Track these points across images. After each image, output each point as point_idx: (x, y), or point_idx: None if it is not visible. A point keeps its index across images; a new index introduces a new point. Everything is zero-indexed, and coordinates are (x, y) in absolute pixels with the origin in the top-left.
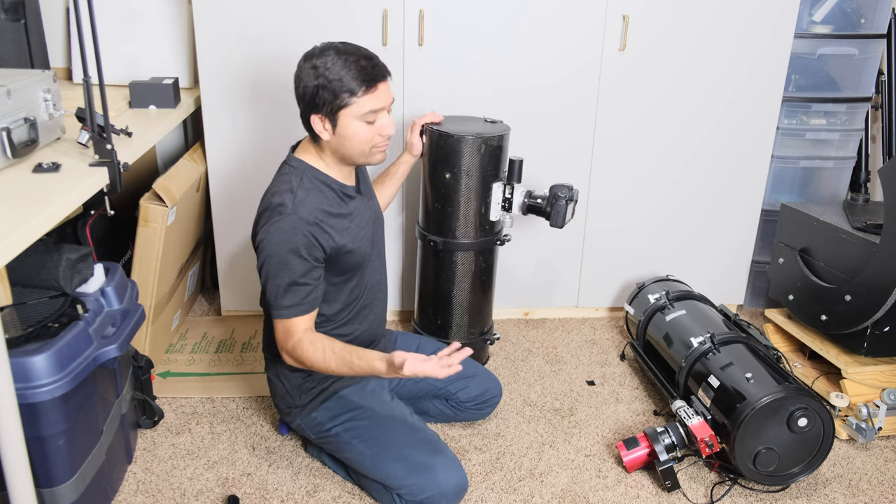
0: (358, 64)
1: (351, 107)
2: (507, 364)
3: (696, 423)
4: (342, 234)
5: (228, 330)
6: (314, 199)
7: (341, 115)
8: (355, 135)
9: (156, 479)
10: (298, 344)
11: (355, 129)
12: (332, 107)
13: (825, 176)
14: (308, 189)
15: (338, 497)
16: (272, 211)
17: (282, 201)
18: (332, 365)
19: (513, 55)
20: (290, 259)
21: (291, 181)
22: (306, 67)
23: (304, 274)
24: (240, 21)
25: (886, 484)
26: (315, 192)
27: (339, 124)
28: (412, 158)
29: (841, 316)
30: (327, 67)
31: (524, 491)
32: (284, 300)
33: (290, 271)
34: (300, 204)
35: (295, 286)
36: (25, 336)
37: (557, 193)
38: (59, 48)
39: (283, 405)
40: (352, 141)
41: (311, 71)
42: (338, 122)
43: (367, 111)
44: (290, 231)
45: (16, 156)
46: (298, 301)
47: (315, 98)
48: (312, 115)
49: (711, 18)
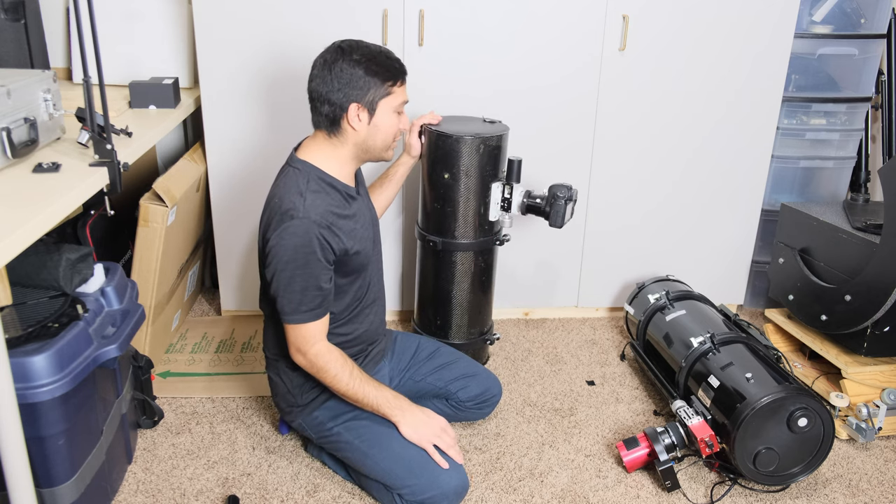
0: (391, 58)
1: (391, 97)
2: (507, 364)
3: (696, 423)
4: (349, 235)
5: (228, 330)
6: (322, 201)
7: (381, 105)
8: (389, 126)
9: (156, 479)
10: (323, 353)
11: (390, 121)
12: (377, 94)
13: (825, 176)
14: (315, 191)
15: (338, 497)
16: (283, 216)
17: (292, 205)
18: (351, 387)
19: (513, 55)
20: (306, 263)
21: (299, 184)
22: (343, 59)
23: (320, 276)
24: (240, 21)
25: (886, 484)
26: (322, 194)
27: (377, 113)
28: (411, 160)
29: (841, 316)
30: (371, 59)
31: (524, 491)
32: (302, 305)
33: (307, 276)
34: (311, 207)
35: (312, 289)
36: (25, 336)
37: (556, 193)
38: (59, 48)
39: (285, 404)
40: (384, 132)
41: (351, 61)
42: (376, 111)
43: (401, 102)
44: (304, 235)
45: (16, 156)
46: (316, 305)
47: (359, 87)
48: (352, 104)
49: (711, 18)
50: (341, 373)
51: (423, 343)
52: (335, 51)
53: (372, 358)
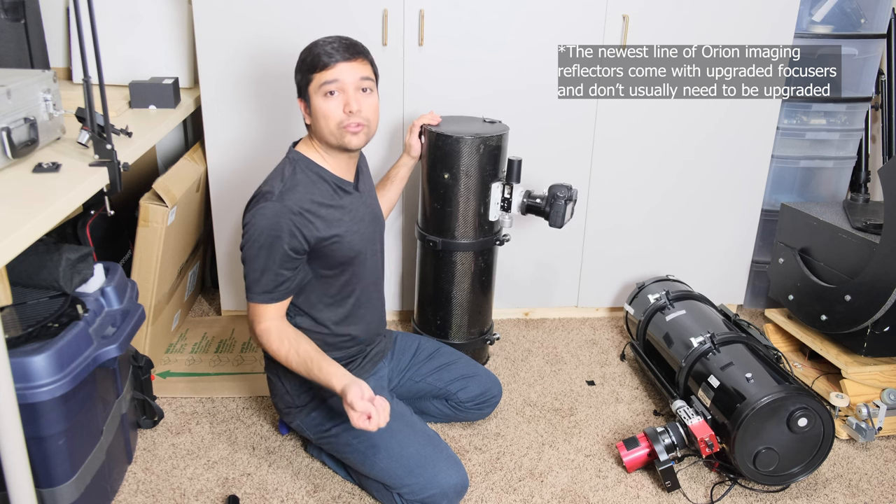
0: (325, 45)
1: (313, 82)
2: (507, 364)
3: (696, 423)
4: (332, 224)
5: (228, 330)
6: (304, 189)
7: (310, 92)
8: (323, 110)
9: (156, 479)
10: (266, 332)
11: (323, 105)
12: (304, 84)
13: (825, 176)
14: (299, 179)
15: (338, 497)
16: (260, 197)
17: (270, 189)
18: (293, 364)
19: (513, 55)
20: (270, 245)
21: (284, 171)
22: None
23: (281, 263)
24: (240, 21)
25: (886, 484)
26: (307, 183)
27: (311, 102)
28: (411, 160)
29: (841, 316)
30: (306, 53)
31: (524, 491)
32: (258, 285)
33: (268, 258)
34: (287, 192)
35: (270, 273)
36: (25, 336)
37: (556, 193)
38: (59, 48)
39: (283, 405)
40: (322, 118)
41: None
42: (310, 100)
43: (322, 83)
44: (274, 218)
45: (16, 156)
46: (271, 289)
47: (297, 82)
48: (299, 99)
49: (711, 18)
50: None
51: (423, 343)
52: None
53: (371, 359)
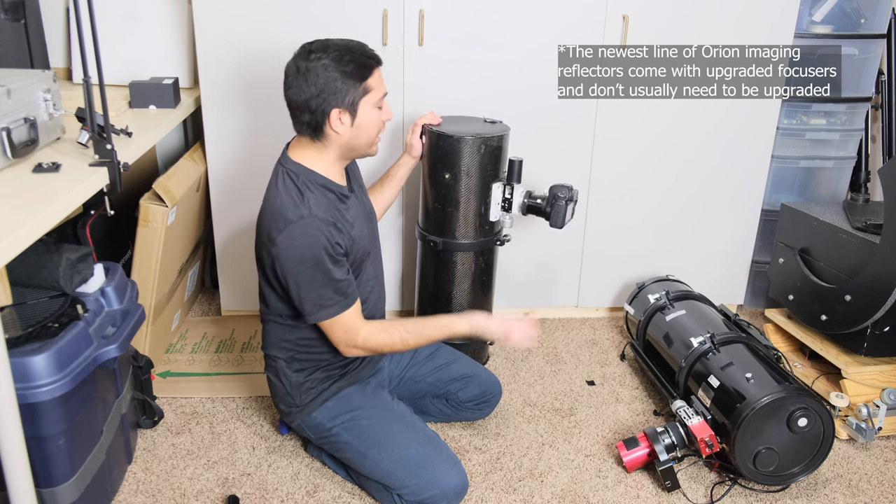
0: (363, 52)
1: (370, 94)
2: (507, 364)
3: (696, 423)
4: (348, 231)
5: (228, 330)
6: (318, 203)
7: (362, 104)
8: (371, 123)
9: (156, 479)
10: (369, 337)
11: (373, 118)
12: (356, 95)
13: (825, 176)
14: (310, 196)
15: (338, 497)
16: (288, 219)
17: (295, 208)
18: (411, 343)
19: (513, 55)
20: (323, 261)
21: (298, 187)
22: (316, 64)
23: (339, 269)
24: (240, 21)
25: (886, 484)
26: (319, 197)
27: (359, 114)
28: (412, 160)
29: (841, 316)
30: (342, 59)
31: (524, 491)
32: (329, 300)
33: (327, 272)
34: (315, 206)
35: (336, 283)
36: (25, 336)
37: (557, 194)
38: (59, 48)
39: (284, 405)
40: (367, 130)
41: (324, 65)
42: (358, 112)
43: (381, 97)
44: (315, 235)
45: (16, 156)
46: (341, 297)
47: (337, 91)
48: (333, 109)
49: (711, 18)
50: (396, 343)
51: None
52: (305, 56)
53: (371, 358)
